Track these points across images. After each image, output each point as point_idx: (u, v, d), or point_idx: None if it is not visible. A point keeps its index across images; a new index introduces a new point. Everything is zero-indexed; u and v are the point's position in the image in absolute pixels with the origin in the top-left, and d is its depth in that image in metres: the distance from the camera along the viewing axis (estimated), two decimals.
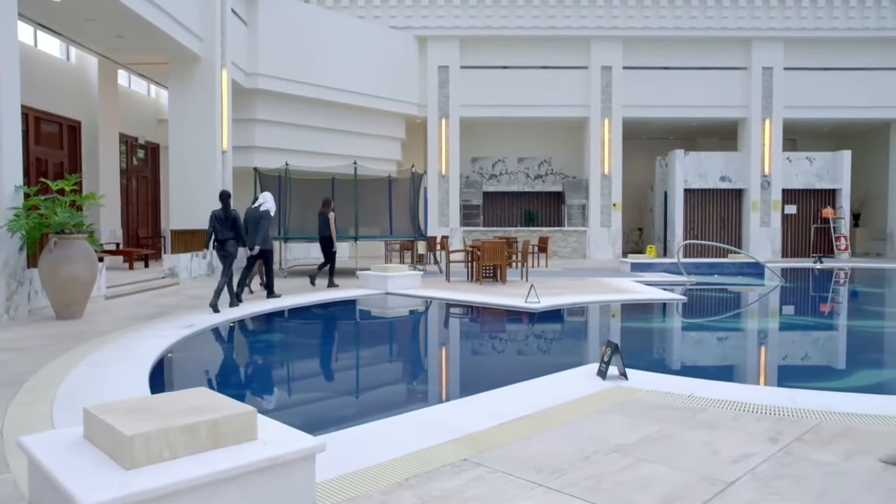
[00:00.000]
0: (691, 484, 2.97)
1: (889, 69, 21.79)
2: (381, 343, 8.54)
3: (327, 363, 7.11)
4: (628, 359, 6.57)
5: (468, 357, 7.45)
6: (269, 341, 8.42)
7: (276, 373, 6.62)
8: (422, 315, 10.48)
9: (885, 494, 2.89)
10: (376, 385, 6.05)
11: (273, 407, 5.06)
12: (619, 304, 10.38)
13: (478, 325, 9.82)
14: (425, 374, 6.52)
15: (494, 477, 3.07)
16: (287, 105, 18.31)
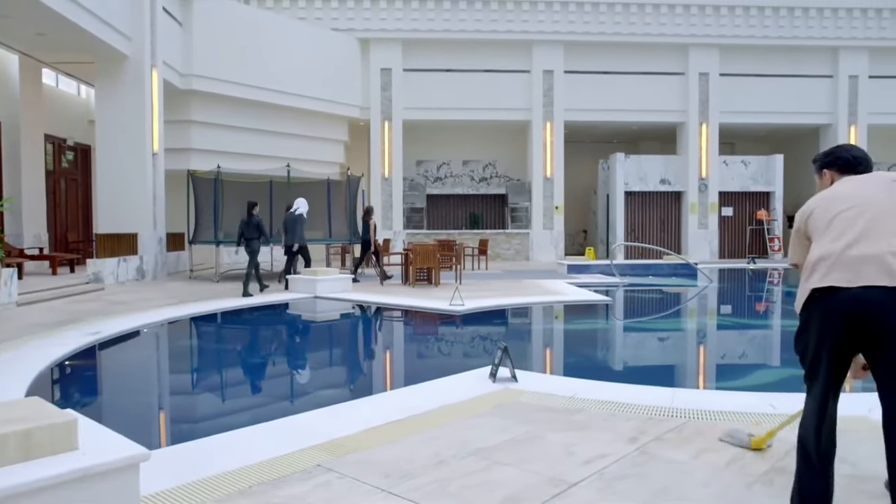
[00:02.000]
0: (535, 486, 2.99)
1: (817, 76, 22.55)
2: (286, 348, 8.35)
3: (221, 369, 6.95)
4: (532, 360, 6.58)
5: (371, 361, 7.43)
6: (173, 347, 8.23)
7: (163, 380, 6.44)
8: (341, 319, 10.42)
9: (720, 490, 2.96)
10: (263, 391, 5.95)
11: (143, 414, 4.97)
12: (544, 305, 10.47)
13: (395, 328, 9.81)
14: (319, 378, 6.43)
15: (342, 482, 3.05)
16: (225, 107, 18.01)
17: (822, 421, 2.39)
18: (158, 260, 15.00)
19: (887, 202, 2.39)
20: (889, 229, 2.32)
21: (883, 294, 2.21)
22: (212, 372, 6.86)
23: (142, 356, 7.62)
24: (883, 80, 22.53)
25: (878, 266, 2.24)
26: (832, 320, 2.31)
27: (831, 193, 2.58)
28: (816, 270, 2.38)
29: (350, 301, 11.06)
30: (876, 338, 2.24)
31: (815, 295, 2.35)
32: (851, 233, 2.36)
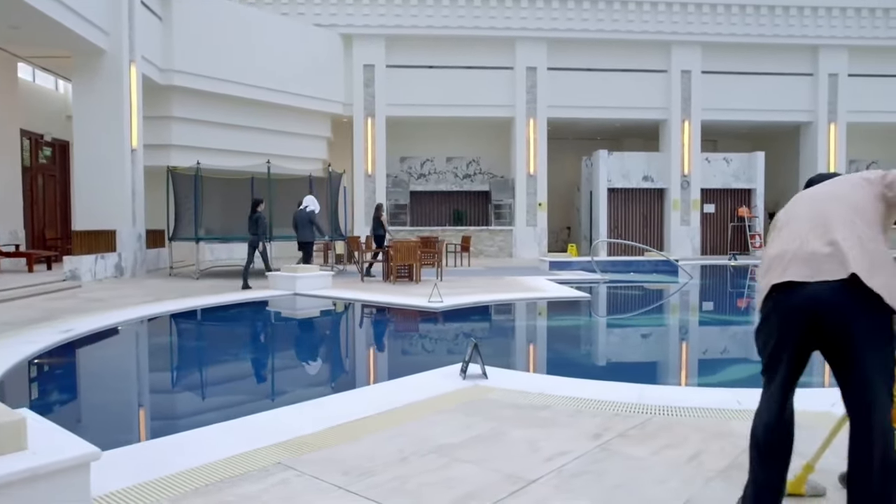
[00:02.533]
0: (493, 483, 2.99)
1: (797, 75, 22.74)
2: (260, 346, 8.33)
3: (192, 367, 6.91)
4: (505, 357, 6.60)
5: (344, 358, 7.41)
6: (145, 345, 8.15)
7: (131, 378, 6.36)
8: (317, 316, 10.40)
9: (677, 486, 2.97)
10: (232, 389, 5.91)
11: (106, 414, 4.92)
12: (522, 302, 10.49)
13: (372, 325, 9.79)
14: (289, 376, 6.40)
15: (300, 480, 3.03)
16: (206, 102, 17.88)
17: (778, 416, 2.40)
18: (138, 257, 14.88)
19: (846, 197, 2.40)
20: (847, 222, 2.31)
21: (839, 288, 2.20)
22: (182, 370, 6.81)
23: (112, 354, 7.55)
24: (862, 79, 22.75)
25: (832, 259, 2.24)
26: (791, 316, 2.31)
27: (796, 197, 2.63)
28: (773, 267, 2.39)
29: (329, 298, 11.03)
30: (832, 335, 2.24)
31: (774, 291, 2.36)
32: (806, 228, 2.37)
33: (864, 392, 2.21)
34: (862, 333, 2.18)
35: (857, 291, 2.17)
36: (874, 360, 2.19)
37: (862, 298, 2.17)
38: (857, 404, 2.24)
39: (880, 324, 2.20)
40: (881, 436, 2.18)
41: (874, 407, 2.19)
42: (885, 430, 2.18)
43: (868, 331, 2.18)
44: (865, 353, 2.18)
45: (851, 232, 2.27)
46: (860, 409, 2.23)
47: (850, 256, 2.21)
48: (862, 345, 2.18)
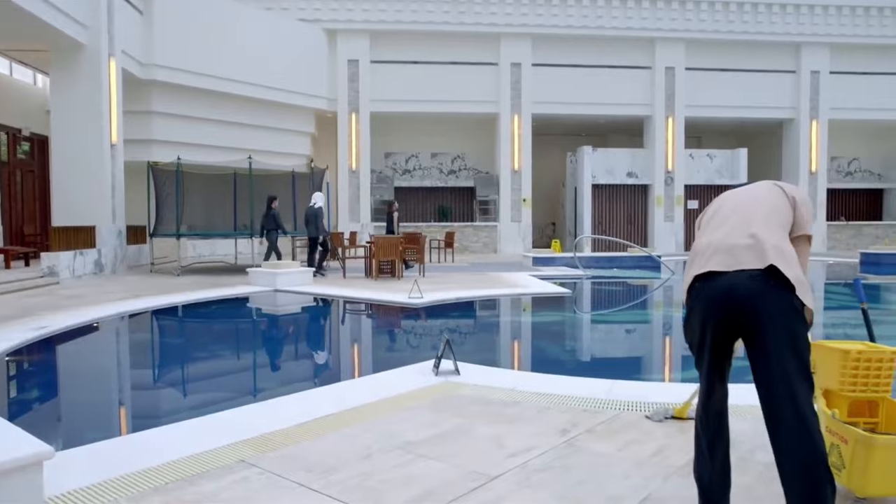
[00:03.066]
0: (455, 479, 2.98)
1: (780, 72, 22.89)
2: (235, 342, 8.23)
3: (164, 364, 6.84)
4: (481, 353, 6.60)
5: (319, 354, 7.38)
6: (119, 342, 8.07)
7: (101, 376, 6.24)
8: (296, 313, 10.34)
9: (638, 482, 2.97)
10: (203, 386, 5.86)
11: (73, 412, 4.88)
12: (503, 298, 10.49)
13: (351, 321, 9.76)
14: (263, 373, 6.34)
15: (261, 478, 3.01)
16: (188, 97, 17.74)
17: (709, 405, 2.46)
18: (118, 253, 14.75)
19: (764, 198, 2.55)
20: (765, 220, 2.44)
21: (756, 276, 2.28)
22: (154, 368, 6.75)
23: (85, 352, 7.46)
24: (843, 76, 22.95)
25: (751, 251, 2.33)
26: (711, 305, 2.38)
27: (722, 195, 2.77)
28: (696, 260, 2.48)
29: (309, 294, 10.98)
30: (748, 321, 2.29)
31: (696, 282, 2.43)
32: (728, 223, 2.49)
33: (774, 377, 2.24)
34: (777, 317, 2.25)
35: (773, 280, 2.27)
36: (787, 346, 2.23)
37: (777, 287, 2.27)
38: (767, 390, 2.27)
39: (794, 310, 2.27)
40: (800, 420, 2.19)
41: (785, 392, 2.22)
42: (804, 414, 2.20)
43: (782, 314, 2.25)
44: (778, 337, 2.24)
45: (770, 229, 2.41)
46: (770, 394, 2.26)
47: (768, 249, 2.31)
48: (774, 329, 2.24)
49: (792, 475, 2.19)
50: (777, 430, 2.24)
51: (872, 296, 13.00)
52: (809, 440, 2.18)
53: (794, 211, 2.53)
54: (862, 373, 2.83)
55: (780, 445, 2.23)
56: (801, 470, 2.17)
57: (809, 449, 2.17)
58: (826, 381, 2.93)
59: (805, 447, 2.17)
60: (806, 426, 2.20)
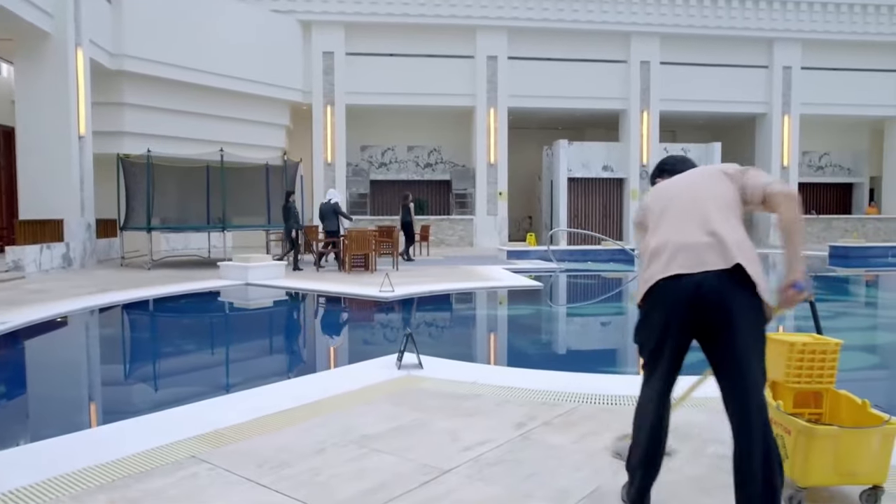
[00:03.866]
0: (407, 474, 2.98)
1: (753, 67, 23.13)
2: (203, 336, 8.11)
3: (125, 360, 6.71)
4: (447, 347, 6.60)
5: (284, 349, 7.33)
6: (80, 337, 7.94)
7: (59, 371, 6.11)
8: (265, 307, 10.26)
9: (588, 475, 2.99)
10: (162, 381, 5.79)
11: (24, 409, 4.80)
12: (475, 291, 10.51)
13: (320, 315, 9.71)
14: (225, 367, 6.28)
15: (211, 474, 2.98)
16: (160, 89, 17.48)
17: (660, 409, 2.48)
18: (87, 247, 14.52)
19: (713, 188, 2.50)
20: (720, 214, 2.41)
21: (721, 277, 2.28)
22: (115, 363, 6.65)
23: (46, 347, 7.32)
24: (815, 72, 23.25)
25: (715, 250, 2.31)
26: (677, 305, 2.35)
27: (662, 187, 2.69)
28: (656, 260, 2.43)
29: (280, 288, 10.91)
30: (714, 321, 2.29)
31: (659, 284, 2.38)
32: (684, 221, 2.43)
33: (742, 371, 2.27)
34: (741, 314, 2.26)
35: (737, 278, 2.27)
36: (752, 342, 2.27)
37: (742, 285, 2.27)
38: (735, 385, 2.29)
39: (756, 307, 2.30)
40: (759, 412, 2.25)
41: (752, 386, 2.26)
42: (761, 406, 2.26)
43: (747, 310, 2.27)
44: (745, 333, 2.26)
45: (728, 224, 2.37)
46: (739, 389, 2.29)
47: (731, 247, 2.30)
48: (741, 325, 2.25)
49: (753, 467, 2.22)
50: (744, 425, 2.26)
51: (839, 288, 13.24)
52: (770, 434, 2.25)
53: (743, 190, 2.47)
54: (807, 364, 2.88)
55: (746, 439, 2.25)
56: (763, 462, 2.21)
57: (770, 442, 2.24)
58: (773, 372, 2.95)
59: (767, 441, 2.23)
60: (765, 420, 2.26)
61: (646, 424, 2.49)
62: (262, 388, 4.51)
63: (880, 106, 23.90)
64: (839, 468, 2.60)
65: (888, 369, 6.21)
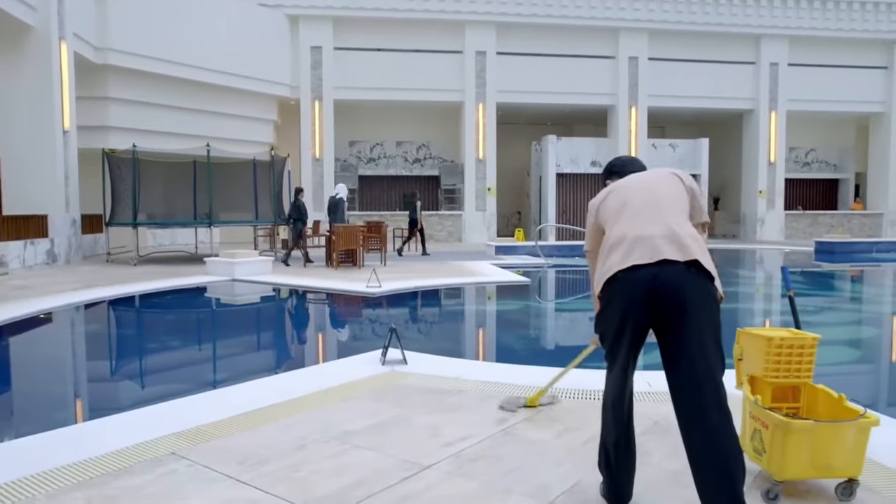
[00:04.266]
0: (387, 470, 2.97)
1: (741, 63, 23.24)
2: (186, 333, 8.01)
3: (107, 356, 6.65)
4: (432, 342, 6.59)
5: (270, 344, 7.29)
6: (62, 334, 7.85)
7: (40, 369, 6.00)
8: (251, 303, 10.23)
9: (569, 469, 3.00)
10: (145, 378, 5.75)
11: (3, 407, 4.77)
12: (461, 287, 10.51)
13: (307, 311, 9.67)
14: (209, 364, 6.21)
15: (190, 471, 2.96)
16: (146, 83, 17.35)
17: (623, 397, 2.54)
18: (72, 243, 14.41)
19: (667, 188, 2.60)
20: (674, 211, 2.50)
21: (678, 269, 2.33)
22: (96, 360, 6.57)
23: (27, 344, 7.25)
24: (801, 68, 23.39)
25: (672, 242, 2.37)
26: (635, 296, 2.39)
27: (618, 185, 2.73)
28: (614, 252, 2.47)
29: (267, 284, 10.87)
30: (671, 311, 2.32)
31: (617, 276, 2.42)
32: (642, 216, 2.50)
33: (694, 363, 2.29)
34: (697, 305, 2.30)
35: (693, 270, 2.34)
36: (708, 333, 2.30)
37: (698, 276, 2.34)
38: (686, 377, 2.32)
39: (712, 299, 2.35)
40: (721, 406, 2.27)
41: (706, 378, 2.28)
42: (721, 399, 2.27)
43: (702, 302, 2.31)
44: (700, 325, 2.29)
45: (683, 219, 2.48)
46: (691, 381, 2.30)
47: (687, 241, 2.37)
48: (696, 316, 2.29)
49: (713, 460, 2.23)
50: (701, 417, 2.28)
51: (824, 283, 13.35)
52: (730, 426, 2.26)
53: (692, 200, 2.61)
54: (784, 359, 2.90)
55: (703, 431, 2.26)
56: (723, 454, 2.22)
57: (730, 434, 2.25)
58: (751, 367, 2.98)
59: (727, 433, 2.25)
60: (725, 412, 2.27)
61: (611, 415, 2.56)
62: (244, 385, 4.49)
63: (866, 102, 24.10)
64: (815, 462, 2.62)
65: (868, 363, 6.27)
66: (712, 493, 2.23)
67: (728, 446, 2.24)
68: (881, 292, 11.82)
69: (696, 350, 2.29)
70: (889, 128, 24.19)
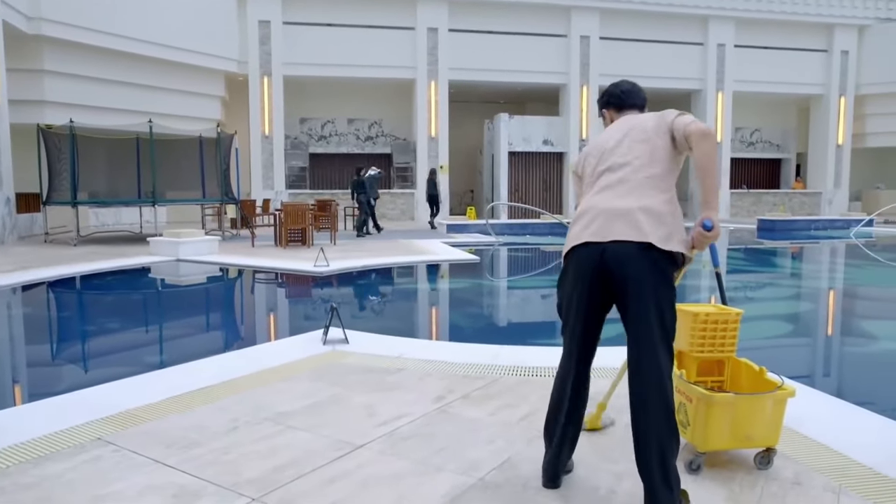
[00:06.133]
0: (319, 450, 2.95)
1: (689, 44, 23.59)
2: (123, 313, 7.70)
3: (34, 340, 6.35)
4: (378, 321, 6.57)
5: (212, 325, 7.17)
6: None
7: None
8: (194, 283, 10.00)
9: (502, 446, 3.02)
10: (75, 362, 5.59)
11: None
12: (410, 265, 10.49)
13: (252, 290, 9.51)
14: (148, 346, 6.06)
15: (115, 456, 2.89)
16: (84, 56, 16.64)
17: (572, 372, 2.54)
18: (6, 223, 13.85)
19: (644, 153, 2.48)
20: (641, 183, 2.43)
21: (629, 248, 2.32)
22: (26, 343, 6.33)
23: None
24: (747, 50, 23.86)
25: (627, 221, 2.35)
26: (582, 273, 2.43)
27: (601, 141, 2.65)
28: (576, 223, 2.50)
29: (212, 263, 10.65)
30: (621, 288, 2.35)
31: (575, 249, 2.46)
32: (609, 188, 2.47)
33: (639, 341, 2.33)
34: (642, 282, 2.30)
35: (643, 247, 2.32)
36: (654, 310, 2.31)
37: (646, 253, 2.32)
38: (630, 354, 2.36)
39: (661, 275, 2.34)
40: (661, 385, 2.30)
41: (648, 355, 2.31)
42: (664, 379, 2.31)
43: (649, 278, 2.31)
44: (645, 302, 2.30)
45: (648, 192, 2.40)
46: (634, 358, 2.36)
47: (640, 218, 2.34)
48: (642, 293, 2.30)
49: (650, 432, 2.29)
50: (640, 393, 2.33)
51: (766, 261, 13.77)
52: (666, 404, 2.31)
53: (672, 125, 2.48)
54: (709, 334, 2.97)
55: (642, 408, 2.32)
56: (659, 427, 2.28)
57: (668, 410, 2.30)
58: (679, 342, 3.04)
59: (663, 409, 2.30)
60: (665, 388, 2.31)
61: (554, 392, 2.59)
62: (180, 367, 4.39)
63: (806, 84, 24.77)
64: (735, 433, 2.70)
65: (794, 337, 6.50)
66: (645, 466, 2.28)
67: (657, 418, 2.28)
68: (815, 268, 12.26)
69: (641, 331, 2.32)
70: (828, 110, 24.94)
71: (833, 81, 24.71)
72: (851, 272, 11.42)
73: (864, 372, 5.22)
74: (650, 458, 2.26)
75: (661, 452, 2.25)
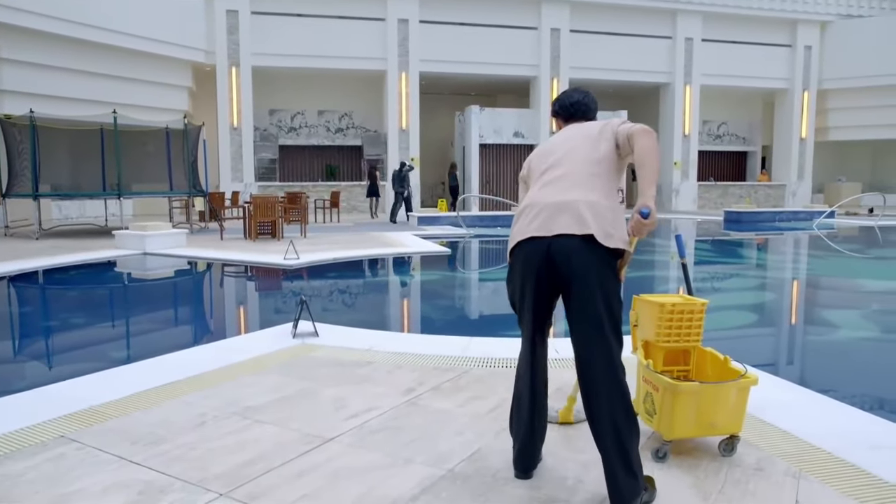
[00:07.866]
0: (287, 444, 2.93)
1: (658, 37, 23.82)
2: (87, 309, 7.54)
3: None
4: (348, 314, 6.54)
5: (180, 319, 7.07)
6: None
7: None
8: (161, 277, 9.82)
9: (470, 438, 3.03)
10: (36, 358, 5.47)
11: None
12: (381, 258, 10.46)
13: (220, 284, 9.37)
14: (112, 342, 5.91)
15: (78, 454, 2.84)
16: (44, 44, 16.22)
17: (531, 364, 2.59)
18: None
19: (588, 154, 2.55)
20: (584, 180, 2.48)
21: (573, 241, 2.37)
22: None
23: None
24: (714, 44, 24.20)
25: (571, 215, 2.39)
26: (529, 267, 2.46)
27: (546, 145, 2.74)
28: (521, 218, 2.54)
29: (180, 257, 10.50)
30: (567, 281, 2.39)
31: (520, 244, 2.50)
32: (553, 184, 2.52)
33: (585, 332, 2.37)
34: (589, 277, 2.35)
35: (587, 240, 2.36)
36: (603, 302, 2.35)
37: (590, 246, 2.36)
38: (585, 343, 2.39)
39: (605, 268, 2.38)
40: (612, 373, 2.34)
41: (604, 347, 2.35)
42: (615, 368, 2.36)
43: (595, 274, 2.35)
44: (591, 294, 2.34)
45: (593, 189, 2.45)
46: (581, 349, 2.40)
47: (584, 212, 2.39)
48: (587, 286, 2.35)
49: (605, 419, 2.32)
50: (591, 384, 2.37)
51: (732, 252, 14.00)
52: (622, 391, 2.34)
53: (616, 131, 2.54)
54: (675, 324, 3.01)
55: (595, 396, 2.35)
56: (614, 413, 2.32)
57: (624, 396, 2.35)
58: (645, 332, 3.09)
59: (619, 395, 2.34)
60: (619, 376, 2.35)
61: (520, 383, 2.63)
62: (146, 362, 4.32)
63: (771, 79, 25.21)
64: (700, 421, 2.75)
65: (757, 326, 6.62)
66: (605, 453, 2.32)
67: (612, 405, 2.32)
68: (779, 259, 12.51)
69: (589, 322, 2.35)
70: (792, 103, 25.42)
71: (797, 76, 25.20)
72: (814, 263, 11.68)
73: (825, 360, 5.35)
74: (608, 444, 2.30)
75: (617, 438, 2.29)
